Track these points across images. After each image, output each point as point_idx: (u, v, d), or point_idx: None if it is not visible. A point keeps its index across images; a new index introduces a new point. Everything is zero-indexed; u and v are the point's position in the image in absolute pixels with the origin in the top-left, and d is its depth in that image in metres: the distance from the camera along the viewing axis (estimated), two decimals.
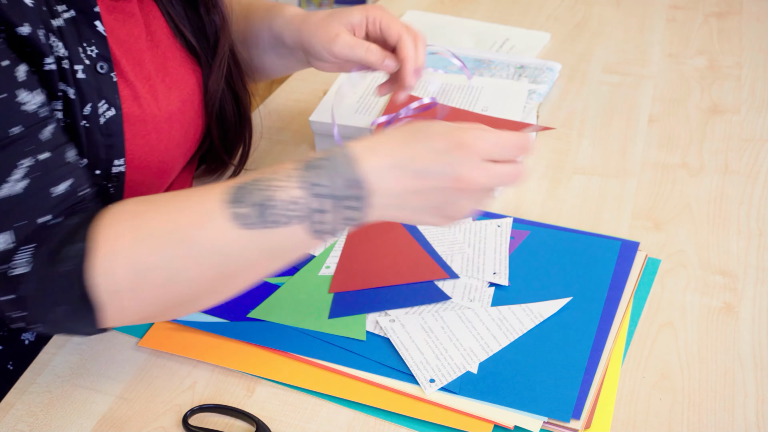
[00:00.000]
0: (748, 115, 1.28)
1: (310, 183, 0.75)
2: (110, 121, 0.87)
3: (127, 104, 0.89)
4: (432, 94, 1.15)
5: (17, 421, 0.82)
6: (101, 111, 0.86)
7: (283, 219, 0.75)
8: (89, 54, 0.86)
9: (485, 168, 0.77)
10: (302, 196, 0.75)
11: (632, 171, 1.16)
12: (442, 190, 0.77)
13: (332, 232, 0.77)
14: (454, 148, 0.76)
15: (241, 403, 0.84)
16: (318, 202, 0.75)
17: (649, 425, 0.82)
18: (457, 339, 0.89)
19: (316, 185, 0.75)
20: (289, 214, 0.75)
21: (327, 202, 0.75)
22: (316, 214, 0.75)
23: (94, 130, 0.86)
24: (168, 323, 0.91)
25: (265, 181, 0.76)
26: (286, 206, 0.75)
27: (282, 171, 0.76)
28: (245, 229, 0.75)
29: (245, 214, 0.75)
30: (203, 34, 1.01)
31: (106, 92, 0.87)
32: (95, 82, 0.86)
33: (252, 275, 0.79)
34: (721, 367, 0.87)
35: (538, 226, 1.04)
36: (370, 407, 0.83)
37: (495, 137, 0.78)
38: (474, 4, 1.61)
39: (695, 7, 1.59)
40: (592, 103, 1.31)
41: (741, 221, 1.07)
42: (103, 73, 0.87)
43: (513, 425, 0.81)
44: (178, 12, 1.00)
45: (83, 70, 0.85)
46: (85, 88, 0.85)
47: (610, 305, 0.93)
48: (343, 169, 0.75)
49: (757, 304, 0.95)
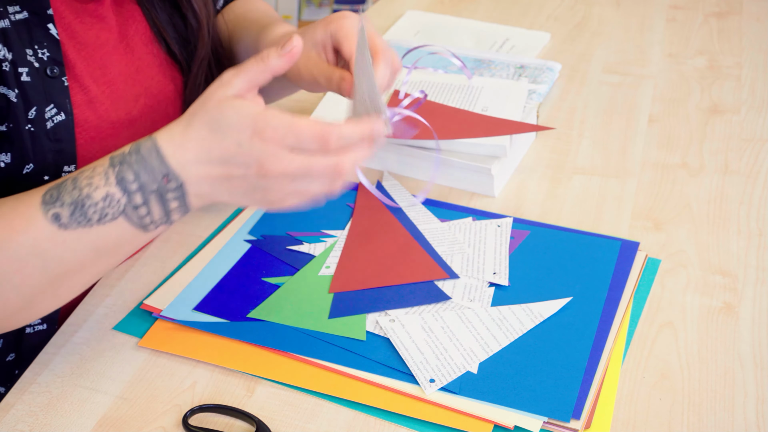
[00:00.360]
0: (748, 115, 1.28)
1: (121, 179, 0.75)
2: (59, 126, 0.85)
3: (81, 109, 0.88)
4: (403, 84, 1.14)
5: (17, 421, 0.82)
6: (49, 115, 0.85)
7: (99, 216, 0.75)
8: (40, 57, 0.85)
9: (286, 157, 0.75)
10: (114, 192, 0.75)
11: (632, 171, 1.16)
12: (246, 178, 0.77)
13: (162, 222, 0.77)
14: (249, 137, 0.75)
15: (241, 403, 0.84)
16: (132, 197, 0.76)
17: (649, 425, 0.82)
18: (457, 339, 0.89)
19: (125, 181, 0.75)
20: (104, 211, 0.75)
21: (138, 196, 0.75)
22: (134, 208, 0.76)
23: (40, 135, 0.84)
24: (168, 323, 0.91)
25: (81, 179, 0.76)
26: (101, 203, 0.75)
27: (98, 167, 0.76)
28: (64, 229, 0.75)
29: (62, 213, 0.75)
30: (186, 40, 1.01)
31: (55, 96, 0.85)
32: (42, 85, 0.84)
33: (85, 275, 0.79)
34: (721, 367, 0.87)
35: (538, 226, 1.04)
36: (370, 407, 0.83)
37: (288, 123, 0.75)
38: (474, 4, 1.61)
39: (695, 7, 1.59)
40: (592, 103, 1.31)
41: (741, 221, 1.07)
42: (54, 76, 0.85)
43: (513, 425, 0.81)
44: (162, 17, 0.99)
45: (28, 72, 0.83)
46: (30, 92, 0.83)
47: (610, 305, 0.93)
48: (152, 164, 0.76)
49: (757, 304, 0.95)
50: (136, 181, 0.76)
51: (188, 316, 0.92)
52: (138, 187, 0.76)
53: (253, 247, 1.01)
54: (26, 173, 0.85)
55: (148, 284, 0.98)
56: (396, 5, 1.60)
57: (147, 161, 0.76)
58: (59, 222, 0.75)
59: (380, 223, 1.04)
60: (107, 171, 0.76)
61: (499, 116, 1.15)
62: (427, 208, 1.07)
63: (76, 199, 0.76)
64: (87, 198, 0.75)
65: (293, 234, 1.03)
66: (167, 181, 0.76)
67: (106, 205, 0.75)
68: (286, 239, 1.02)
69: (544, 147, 1.21)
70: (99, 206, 0.75)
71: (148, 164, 0.76)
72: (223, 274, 0.97)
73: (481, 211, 1.08)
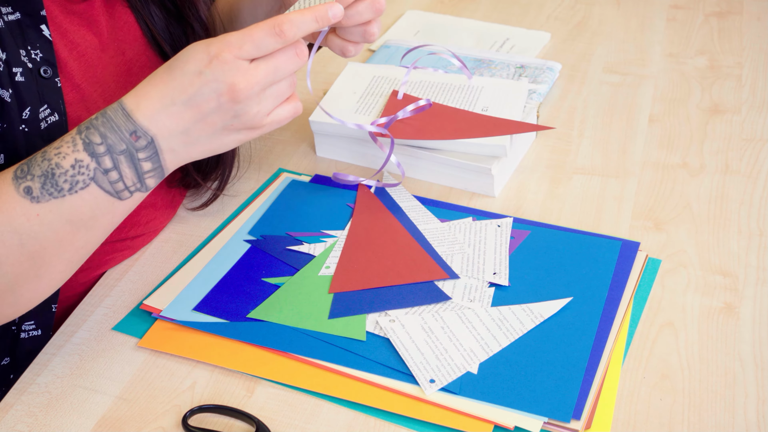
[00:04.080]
0: (748, 115, 1.28)
1: (88, 143, 0.74)
2: (52, 127, 0.85)
3: (74, 108, 0.88)
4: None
5: (16, 421, 0.82)
6: (42, 116, 0.84)
7: (71, 185, 0.74)
8: (33, 58, 0.84)
9: (251, 68, 0.75)
10: (83, 158, 0.74)
11: (632, 171, 1.16)
12: (220, 108, 0.75)
13: (137, 188, 0.76)
14: (209, 63, 0.74)
15: (240, 404, 0.84)
16: (100, 161, 0.74)
17: (650, 425, 0.82)
18: (457, 339, 0.88)
19: (92, 144, 0.74)
20: (75, 179, 0.74)
21: (107, 159, 0.74)
22: (104, 173, 0.74)
23: (34, 135, 0.84)
24: (168, 323, 0.91)
25: (50, 151, 0.75)
26: (70, 171, 0.74)
27: (66, 136, 0.76)
28: (36, 202, 0.74)
29: (33, 186, 0.74)
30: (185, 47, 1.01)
31: (48, 97, 0.85)
32: (36, 86, 0.84)
33: (64, 252, 0.78)
34: (722, 368, 0.87)
35: (538, 226, 1.04)
36: (370, 407, 0.83)
37: (240, 35, 0.75)
38: (474, 4, 1.61)
39: (695, 7, 1.59)
40: (592, 103, 1.31)
41: (741, 221, 1.07)
42: (47, 77, 0.85)
43: (513, 425, 0.80)
44: (158, 24, 0.99)
45: (22, 73, 0.83)
46: (24, 92, 0.83)
47: (610, 305, 0.92)
48: (117, 123, 0.75)
49: (758, 304, 0.95)
50: (103, 143, 0.74)
51: (188, 316, 0.92)
52: (106, 150, 0.74)
53: (252, 247, 1.01)
54: None
55: (147, 284, 0.98)
56: (396, 5, 1.60)
57: (113, 120, 0.75)
58: (31, 195, 0.74)
59: (380, 223, 1.04)
60: (74, 138, 0.75)
61: (499, 116, 1.15)
62: (427, 208, 1.07)
63: (46, 170, 0.75)
64: (56, 167, 0.74)
65: (293, 234, 1.03)
66: (136, 138, 0.74)
67: (75, 172, 0.74)
68: (286, 239, 1.02)
69: (544, 147, 1.21)
70: (69, 174, 0.74)
71: (114, 123, 0.75)
72: (223, 274, 0.97)
73: (481, 211, 1.08)
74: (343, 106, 1.18)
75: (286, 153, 1.20)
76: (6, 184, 0.76)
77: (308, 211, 1.07)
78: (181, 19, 1.00)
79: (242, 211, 1.08)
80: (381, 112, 1.16)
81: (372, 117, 1.15)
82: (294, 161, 1.19)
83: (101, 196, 0.76)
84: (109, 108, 0.77)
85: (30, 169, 0.75)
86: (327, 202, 1.08)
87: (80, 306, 0.95)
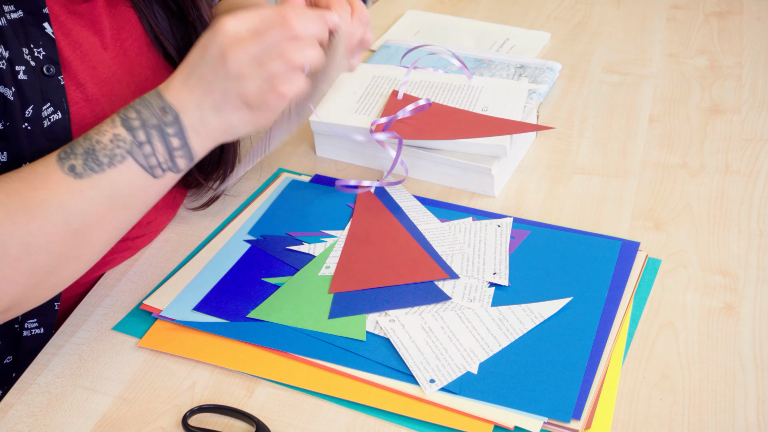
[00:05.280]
0: (748, 115, 1.28)
1: (125, 119, 0.80)
2: (55, 125, 0.86)
3: (77, 107, 0.88)
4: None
5: (17, 421, 0.82)
6: (45, 114, 0.86)
7: (110, 159, 0.79)
8: (36, 56, 0.85)
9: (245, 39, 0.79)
10: (120, 132, 0.80)
11: (632, 171, 1.16)
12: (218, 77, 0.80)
13: (169, 167, 0.81)
14: (212, 35, 0.80)
15: (240, 404, 0.84)
16: (135, 134, 0.80)
17: (650, 425, 0.82)
18: (457, 339, 0.88)
19: (128, 119, 0.80)
20: (113, 153, 0.79)
21: (141, 132, 0.80)
22: (139, 146, 0.80)
23: (36, 134, 0.85)
24: (168, 323, 0.91)
25: (91, 132, 0.81)
26: (109, 145, 0.79)
27: (107, 119, 0.81)
28: (80, 178, 0.79)
29: (77, 164, 0.79)
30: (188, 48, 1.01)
31: (51, 95, 0.86)
32: (39, 84, 0.85)
33: (103, 229, 0.82)
34: (722, 368, 0.87)
35: (538, 226, 1.04)
36: (370, 407, 0.83)
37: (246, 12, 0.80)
38: (474, 4, 1.61)
39: (696, 7, 1.59)
40: (592, 103, 1.31)
41: (741, 221, 1.07)
42: (50, 75, 0.86)
43: (513, 425, 0.80)
44: (162, 25, 0.99)
45: (25, 71, 0.84)
46: (27, 90, 0.84)
47: (610, 305, 0.92)
48: (152, 100, 0.81)
49: (758, 305, 0.95)
50: (138, 118, 0.80)
51: (188, 316, 0.92)
52: (140, 124, 0.80)
53: (252, 247, 1.01)
54: None
55: (147, 284, 0.98)
56: (396, 5, 1.60)
57: (147, 99, 0.81)
58: (75, 172, 0.79)
59: (380, 223, 1.04)
60: (113, 118, 0.81)
61: (499, 116, 1.15)
62: (427, 208, 1.07)
63: (88, 148, 0.80)
64: (97, 143, 0.80)
65: (293, 234, 1.03)
66: (164, 113, 0.80)
67: (114, 146, 0.79)
68: (285, 239, 1.02)
69: (544, 147, 1.21)
70: (108, 148, 0.79)
71: (147, 100, 0.81)
72: (223, 274, 0.97)
73: (481, 211, 1.08)
74: (343, 106, 1.18)
75: (286, 153, 1.20)
76: (51, 165, 0.80)
77: (308, 211, 1.07)
78: (184, 20, 1.00)
79: (242, 211, 1.08)
80: (381, 112, 1.16)
81: (372, 117, 1.15)
82: (294, 161, 1.19)
83: (137, 171, 0.80)
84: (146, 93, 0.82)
85: (73, 149, 0.80)
86: (327, 202, 1.08)
87: (80, 306, 0.95)
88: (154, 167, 0.81)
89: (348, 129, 1.13)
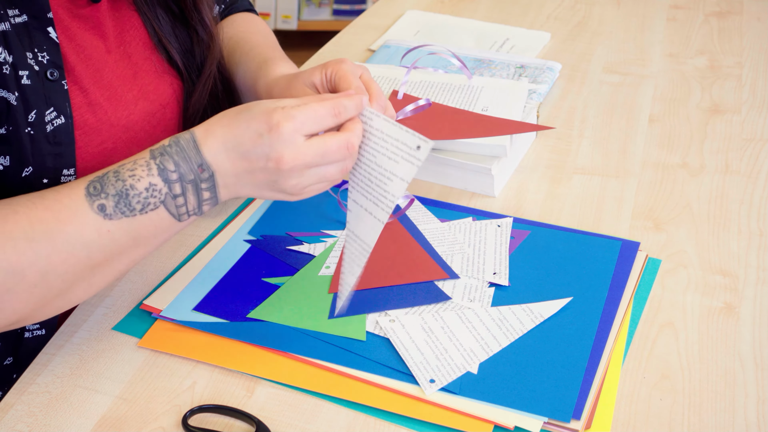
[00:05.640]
0: (748, 115, 1.28)
1: (162, 170, 0.79)
2: (58, 130, 0.86)
3: (80, 112, 0.88)
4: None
5: (17, 421, 0.82)
6: (48, 119, 0.85)
7: (143, 206, 0.79)
8: (39, 60, 0.85)
9: (303, 146, 0.79)
10: (157, 183, 0.79)
11: (632, 171, 1.16)
12: (266, 170, 0.80)
13: (194, 213, 0.82)
14: (269, 130, 0.79)
15: (241, 404, 0.84)
16: (172, 187, 0.80)
17: (650, 425, 0.82)
18: (457, 339, 0.88)
19: (167, 171, 0.79)
20: (147, 201, 0.79)
21: (177, 186, 0.80)
22: (173, 198, 0.80)
23: (39, 138, 0.85)
24: (168, 323, 0.91)
25: (123, 171, 0.80)
26: (144, 193, 0.79)
27: (139, 159, 0.80)
28: (109, 219, 0.79)
29: (107, 204, 0.79)
30: (190, 52, 1.01)
31: (54, 99, 0.86)
32: (42, 88, 0.85)
33: (122, 263, 0.83)
34: (722, 368, 0.87)
35: (538, 226, 1.04)
36: (370, 407, 0.83)
37: (304, 112, 0.80)
38: (474, 4, 1.61)
39: (695, 7, 1.59)
40: (592, 103, 1.31)
41: (741, 221, 1.07)
42: (54, 80, 0.86)
43: (513, 425, 0.80)
44: (165, 28, 0.99)
45: (28, 76, 0.84)
46: (30, 95, 0.84)
47: (610, 305, 0.92)
48: (189, 154, 0.80)
49: (758, 304, 0.95)
50: (176, 171, 0.80)
51: (188, 316, 0.92)
52: (178, 177, 0.80)
53: (252, 247, 1.01)
54: (25, 176, 0.85)
55: (147, 284, 0.98)
56: (396, 5, 1.60)
57: (186, 152, 0.80)
58: (104, 212, 0.79)
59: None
60: (149, 162, 0.80)
61: (499, 116, 1.15)
62: (427, 208, 1.07)
63: (120, 190, 0.79)
64: (131, 188, 0.79)
65: (293, 234, 1.03)
66: (202, 170, 0.80)
67: (149, 195, 0.79)
68: (286, 239, 1.02)
69: (544, 147, 1.21)
70: (142, 196, 0.79)
71: (187, 154, 0.80)
72: (223, 274, 0.97)
73: (481, 211, 1.08)
74: None
75: None
76: (79, 199, 0.79)
77: (308, 211, 1.07)
78: (185, 22, 1.00)
79: (242, 211, 1.08)
80: None
81: None
82: None
83: (166, 218, 0.81)
84: (181, 137, 0.81)
85: (103, 187, 0.79)
86: (327, 202, 1.08)
87: (80, 306, 0.95)
88: (182, 214, 0.81)
89: None
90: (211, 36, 1.01)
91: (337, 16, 3.33)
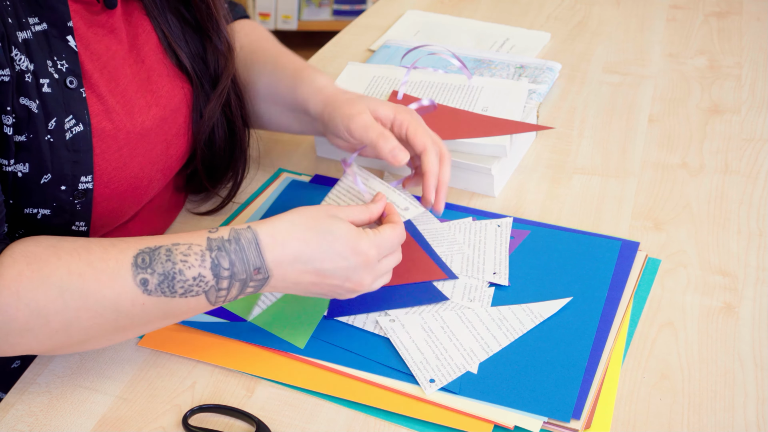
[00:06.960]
0: (748, 115, 1.28)
1: (216, 265, 0.79)
2: (77, 137, 0.86)
3: (98, 119, 0.88)
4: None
5: (17, 421, 0.82)
6: (68, 126, 0.85)
7: (185, 291, 0.79)
8: (59, 68, 0.85)
9: (375, 269, 0.85)
10: (207, 275, 0.79)
11: (632, 171, 1.16)
12: (334, 286, 0.84)
13: (230, 300, 0.82)
14: (352, 254, 0.83)
15: (241, 403, 0.84)
16: (220, 282, 0.80)
17: (650, 425, 0.82)
18: (457, 339, 0.89)
19: (220, 267, 0.80)
20: (192, 289, 0.79)
21: (226, 281, 0.80)
22: (216, 290, 0.80)
23: (59, 146, 0.85)
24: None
25: (176, 254, 0.79)
26: (190, 281, 0.79)
27: (195, 245, 0.80)
28: (147, 294, 0.79)
29: (150, 280, 0.79)
30: (201, 58, 1.01)
31: (74, 107, 0.86)
32: (62, 96, 0.85)
33: (145, 329, 0.83)
34: (722, 368, 0.87)
35: (538, 226, 1.04)
36: (370, 407, 0.83)
37: (384, 241, 0.85)
38: (474, 4, 1.61)
39: (695, 7, 1.59)
40: (592, 103, 1.31)
41: (741, 221, 1.07)
42: (73, 88, 0.86)
43: (513, 425, 0.81)
44: (175, 33, 0.99)
45: (49, 84, 0.84)
46: (50, 103, 0.84)
47: (610, 305, 0.93)
48: (248, 255, 0.80)
49: (757, 304, 0.95)
50: (230, 270, 0.80)
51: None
52: (229, 275, 0.80)
53: None
54: (43, 183, 0.85)
55: None
56: (396, 5, 1.60)
57: (245, 252, 0.80)
58: (145, 287, 0.79)
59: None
60: (204, 253, 0.80)
61: (499, 116, 1.15)
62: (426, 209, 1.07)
63: (168, 271, 0.79)
64: (179, 273, 0.79)
65: None
66: (257, 273, 0.81)
67: (194, 284, 0.79)
68: None
69: (544, 147, 1.21)
70: (188, 283, 0.79)
71: (246, 256, 0.80)
72: None
73: (481, 211, 1.08)
74: None
75: (286, 153, 1.20)
76: (125, 269, 0.79)
77: None
78: (199, 30, 1.00)
79: (242, 211, 1.08)
80: None
81: None
82: (294, 161, 1.19)
83: (203, 303, 0.81)
84: (242, 234, 0.81)
85: (152, 262, 0.79)
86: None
87: None
88: (218, 300, 0.82)
89: None
90: (228, 47, 1.01)
91: (337, 17, 3.33)
